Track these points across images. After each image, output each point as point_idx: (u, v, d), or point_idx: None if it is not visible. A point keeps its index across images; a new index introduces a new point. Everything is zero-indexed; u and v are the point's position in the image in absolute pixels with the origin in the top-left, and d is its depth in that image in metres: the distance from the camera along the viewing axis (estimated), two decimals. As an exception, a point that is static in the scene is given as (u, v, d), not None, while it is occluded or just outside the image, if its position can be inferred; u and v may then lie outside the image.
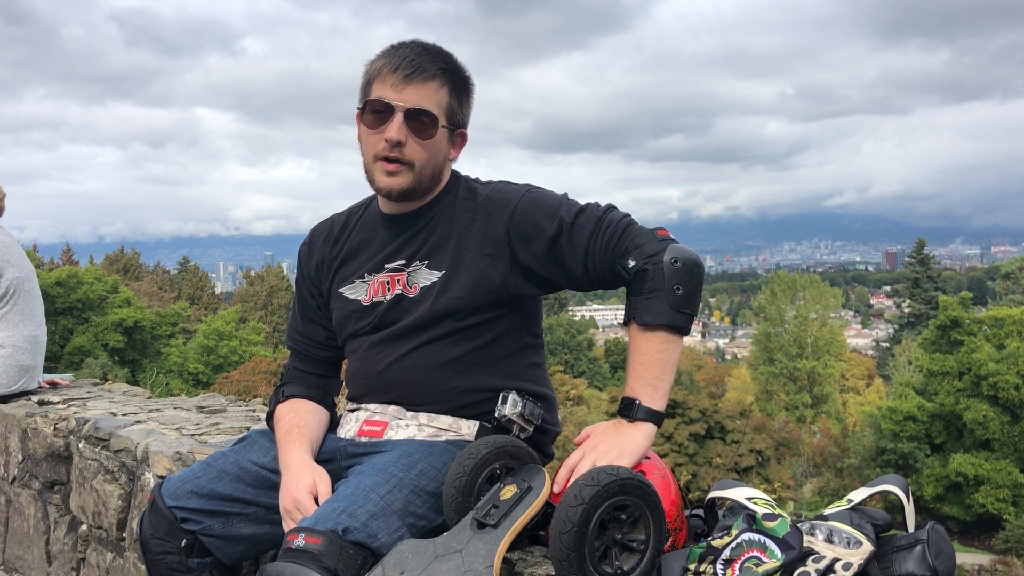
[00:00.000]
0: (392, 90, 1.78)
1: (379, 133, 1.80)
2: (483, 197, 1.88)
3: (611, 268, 1.76)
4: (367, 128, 1.83)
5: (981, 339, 27.92)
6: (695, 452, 24.31)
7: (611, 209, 1.81)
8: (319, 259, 2.05)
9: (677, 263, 1.69)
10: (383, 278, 1.91)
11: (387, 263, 1.91)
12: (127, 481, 2.76)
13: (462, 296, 1.82)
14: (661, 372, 1.71)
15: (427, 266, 1.87)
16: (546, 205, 1.82)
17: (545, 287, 1.89)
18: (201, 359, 34.01)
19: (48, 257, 47.95)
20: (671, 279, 1.68)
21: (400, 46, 1.84)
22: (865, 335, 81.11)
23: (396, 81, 1.78)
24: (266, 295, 50.25)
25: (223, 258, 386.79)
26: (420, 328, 1.85)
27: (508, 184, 1.92)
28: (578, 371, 48.26)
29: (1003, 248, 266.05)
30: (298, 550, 1.52)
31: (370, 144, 1.83)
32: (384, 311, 1.89)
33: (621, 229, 1.76)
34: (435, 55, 1.83)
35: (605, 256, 1.76)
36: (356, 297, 1.95)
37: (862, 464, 28.26)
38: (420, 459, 1.73)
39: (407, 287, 1.88)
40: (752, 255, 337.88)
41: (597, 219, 1.78)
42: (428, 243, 1.88)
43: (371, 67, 1.85)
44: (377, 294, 1.91)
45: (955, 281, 79.21)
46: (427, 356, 1.85)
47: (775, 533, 1.48)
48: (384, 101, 1.79)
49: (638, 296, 1.71)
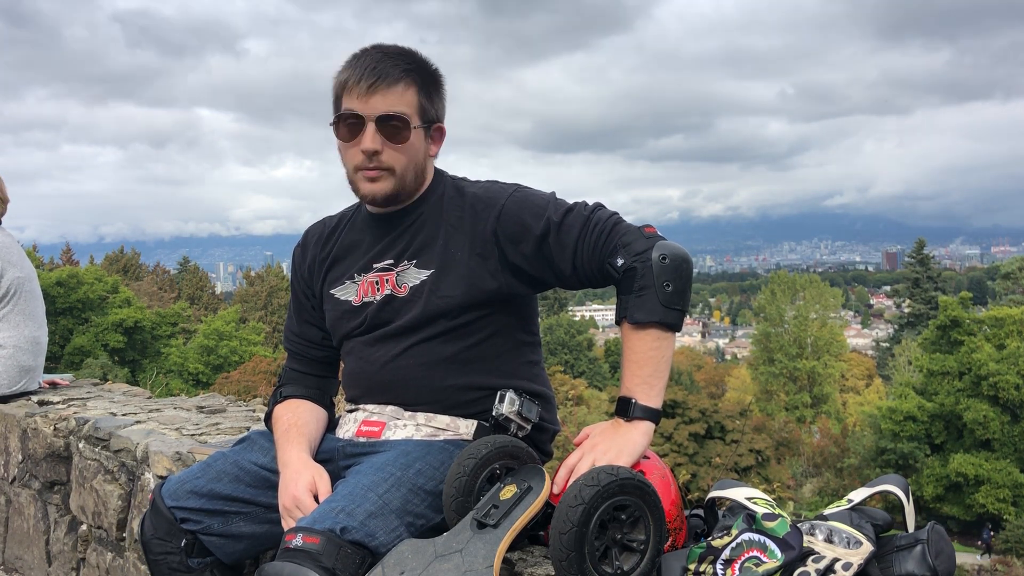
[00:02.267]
0: (359, 101, 1.79)
1: (355, 145, 1.81)
2: (471, 195, 1.88)
3: (600, 267, 1.76)
4: (343, 141, 1.84)
5: (981, 339, 27.94)
6: (695, 452, 24.34)
7: (599, 208, 1.81)
8: (311, 260, 2.07)
9: (665, 260, 1.69)
10: (372, 278, 1.91)
11: (375, 263, 1.92)
12: (127, 481, 2.76)
13: (454, 295, 1.83)
14: (655, 370, 1.71)
15: (415, 265, 1.87)
16: (533, 205, 1.82)
17: (535, 286, 1.89)
18: (201, 359, 34.04)
19: (48, 257, 47.97)
20: (660, 276, 1.68)
21: (361, 55, 1.83)
22: (865, 335, 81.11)
23: (362, 92, 1.78)
24: (266, 295, 50.24)
25: (223, 258, 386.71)
26: (413, 328, 1.86)
27: (496, 183, 1.92)
28: (578, 371, 48.22)
29: (1003, 248, 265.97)
30: (296, 550, 1.52)
31: (349, 156, 1.84)
32: (375, 311, 1.90)
33: (609, 228, 1.76)
34: (396, 57, 1.82)
35: (594, 255, 1.76)
36: (347, 298, 1.96)
37: (862, 464, 28.29)
38: (418, 458, 1.73)
39: (396, 287, 1.88)
40: (752, 255, 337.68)
41: (585, 218, 1.78)
42: (415, 242, 1.89)
43: (337, 80, 1.85)
44: (367, 294, 1.92)
45: (955, 281, 79.19)
46: (421, 355, 1.85)
47: (775, 533, 1.48)
48: (354, 112, 1.79)
49: (628, 294, 1.72)
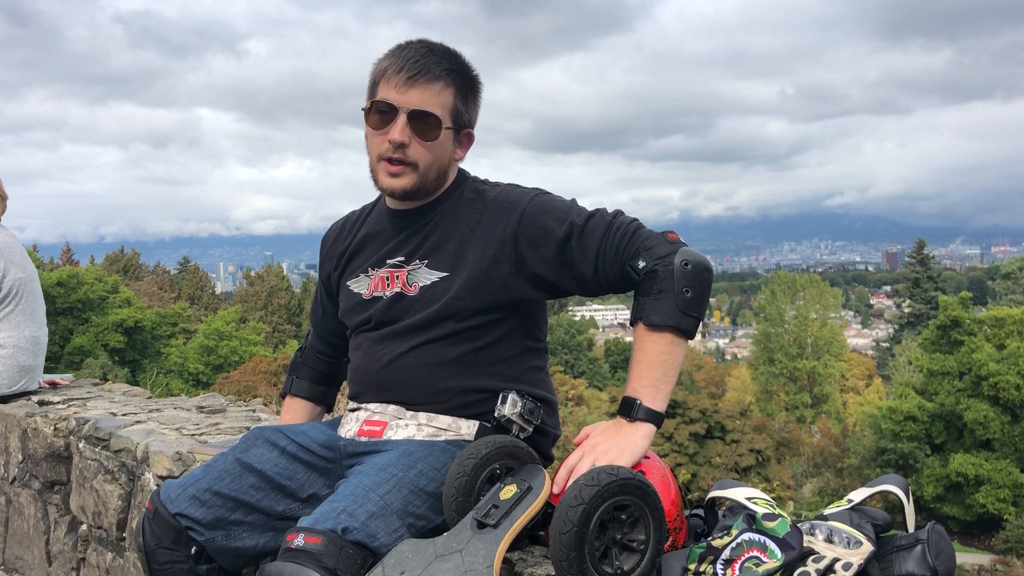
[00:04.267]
0: (396, 91, 1.79)
1: (383, 134, 1.81)
2: (491, 199, 1.88)
3: (621, 270, 1.76)
4: (372, 128, 1.84)
5: (981, 339, 27.92)
6: (695, 452, 24.34)
7: (620, 214, 1.82)
8: (331, 251, 2.12)
9: (688, 266, 1.70)
10: (384, 273, 1.93)
11: (388, 259, 1.93)
12: (127, 481, 2.76)
13: (463, 298, 1.83)
14: (664, 373, 1.71)
15: (427, 265, 1.88)
16: (556, 209, 1.83)
17: (552, 291, 1.88)
18: (201, 359, 34.07)
19: (48, 257, 47.97)
20: (680, 281, 1.69)
21: (406, 46, 1.84)
22: (865, 335, 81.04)
23: (400, 82, 1.79)
24: (266, 295, 50.24)
25: (223, 258, 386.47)
26: (420, 328, 1.86)
27: (517, 187, 1.92)
28: (578, 371, 48.24)
29: (1003, 248, 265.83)
30: (298, 550, 1.52)
31: (375, 144, 1.84)
32: (384, 308, 1.91)
33: (631, 231, 1.77)
34: (440, 55, 1.83)
35: (616, 258, 1.76)
36: (359, 291, 1.98)
37: (862, 464, 28.27)
38: (420, 459, 1.73)
39: (407, 285, 1.89)
40: (752, 255, 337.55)
41: (608, 223, 1.79)
42: (428, 242, 1.89)
43: (377, 67, 1.85)
44: (377, 289, 1.93)
45: (955, 281, 79.07)
46: (425, 355, 1.85)
47: (775, 533, 1.48)
48: (388, 102, 1.80)
49: (646, 296, 1.72)
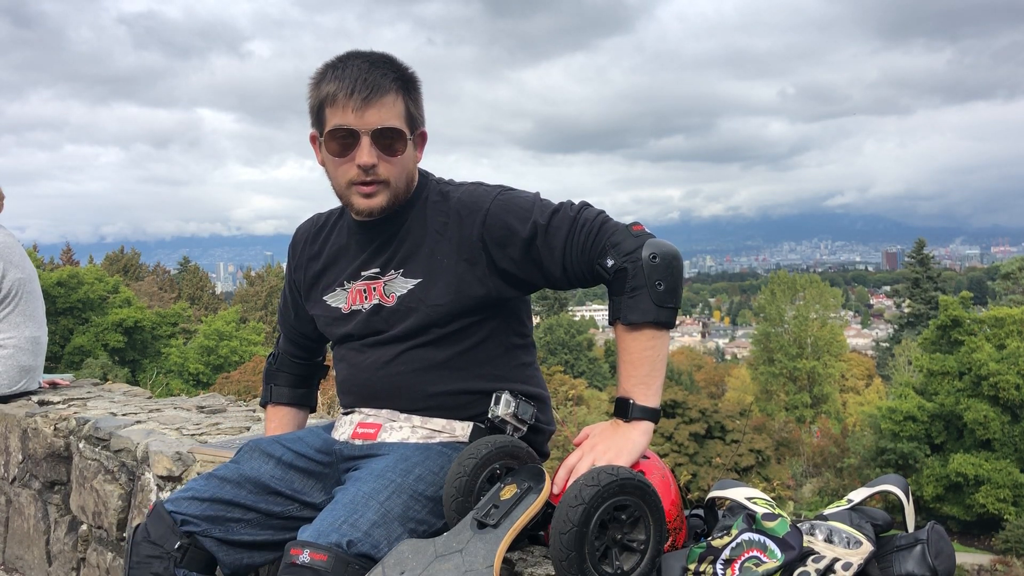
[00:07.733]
0: (353, 115, 1.73)
1: (348, 161, 1.77)
2: (455, 200, 1.86)
3: (590, 268, 1.75)
4: (333, 156, 1.79)
5: (981, 339, 27.90)
6: (695, 452, 24.31)
7: (585, 207, 1.79)
8: (300, 258, 2.08)
9: (656, 259, 1.69)
10: (360, 286, 1.91)
11: (363, 271, 1.91)
12: (127, 481, 2.76)
13: (442, 303, 1.82)
14: (652, 369, 1.71)
15: (402, 274, 1.86)
16: (518, 208, 1.80)
17: (525, 288, 1.88)
18: (201, 359, 34.04)
19: (48, 257, 47.95)
20: (651, 275, 1.68)
21: (346, 64, 1.76)
22: (865, 335, 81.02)
23: (356, 106, 1.72)
24: (266, 295, 50.21)
25: (224, 258, 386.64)
26: (403, 338, 1.85)
27: (480, 186, 1.90)
28: (578, 371, 48.17)
29: (1003, 248, 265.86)
30: (304, 567, 1.51)
31: (341, 172, 1.80)
32: (364, 320, 1.90)
33: (596, 227, 1.74)
34: (383, 66, 1.78)
35: (583, 256, 1.74)
36: (337, 305, 1.96)
37: (862, 464, 28.25)
38: (417, 463, 1.73)
39: (384, 296, 1.87)
40: (752, 255, 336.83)
41: (571, 219, 1.76)
42: (401, 250, 1.87)
43: (319, 92, 1.78)
44: (355, 302, 1.92)
45: (955, 281, 79.16)
46: (413, 362, 1.85)
47: (775, 533, 1.48)
48: (347, 128, 1.74)
49: (621, 296, 1.71)
